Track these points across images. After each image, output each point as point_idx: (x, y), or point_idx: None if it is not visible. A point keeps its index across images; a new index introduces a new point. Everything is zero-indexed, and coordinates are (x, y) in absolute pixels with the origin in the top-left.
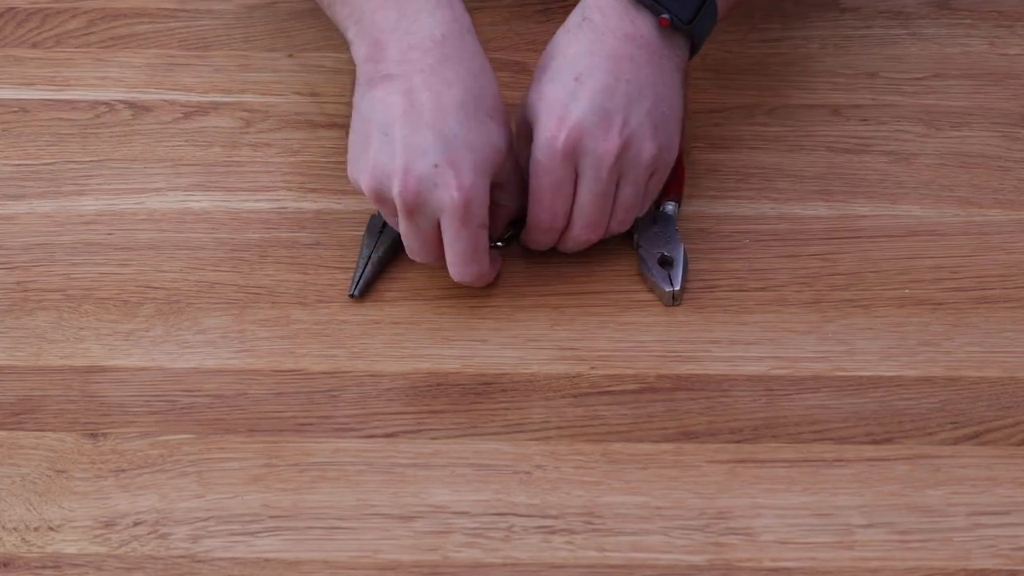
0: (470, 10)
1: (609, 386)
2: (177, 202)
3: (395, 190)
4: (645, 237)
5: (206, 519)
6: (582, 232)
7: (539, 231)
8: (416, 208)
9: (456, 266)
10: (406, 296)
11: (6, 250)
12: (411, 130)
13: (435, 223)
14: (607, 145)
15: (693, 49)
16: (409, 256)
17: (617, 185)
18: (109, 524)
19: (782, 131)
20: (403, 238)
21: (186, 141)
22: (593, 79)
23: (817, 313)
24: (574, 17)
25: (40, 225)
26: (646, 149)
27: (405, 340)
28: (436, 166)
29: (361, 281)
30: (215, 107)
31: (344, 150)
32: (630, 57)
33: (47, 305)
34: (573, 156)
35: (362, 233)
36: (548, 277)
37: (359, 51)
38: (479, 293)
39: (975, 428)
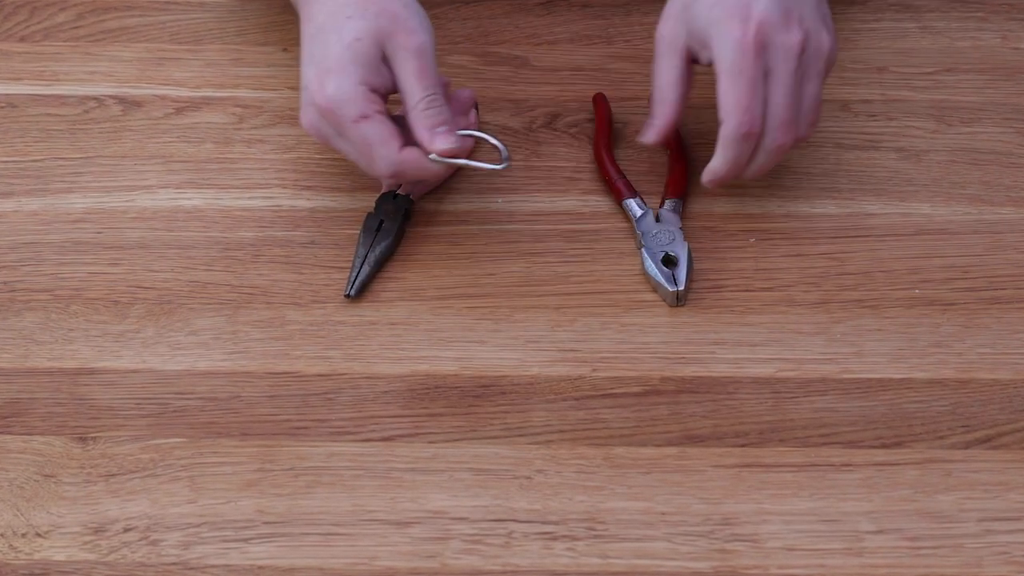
0: (470, 1)
1: (611, 388)
2: (168, 200)
3: None
4: (648, 236)
5: (198, 525)
6: (779, 135)
7: (739, 141)
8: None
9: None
10: (403, 296)
11: None
12: None
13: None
14: (793, 38)
15: None
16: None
17: (800, 84)
18: (99, 530)
19: None
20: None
21: (177, 137)
22: None
23: (825, 314)
24: None
25: (27, 223)
26: (825, 42)
27: (402, 342)
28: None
29: (357, 281)
30: (207, 102)
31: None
32: None
33: (35, 306)
34: (764, 52)
35: (358, 231)
36: (548, 277)
37: None
38: (479, 293)
39: (987, 432)
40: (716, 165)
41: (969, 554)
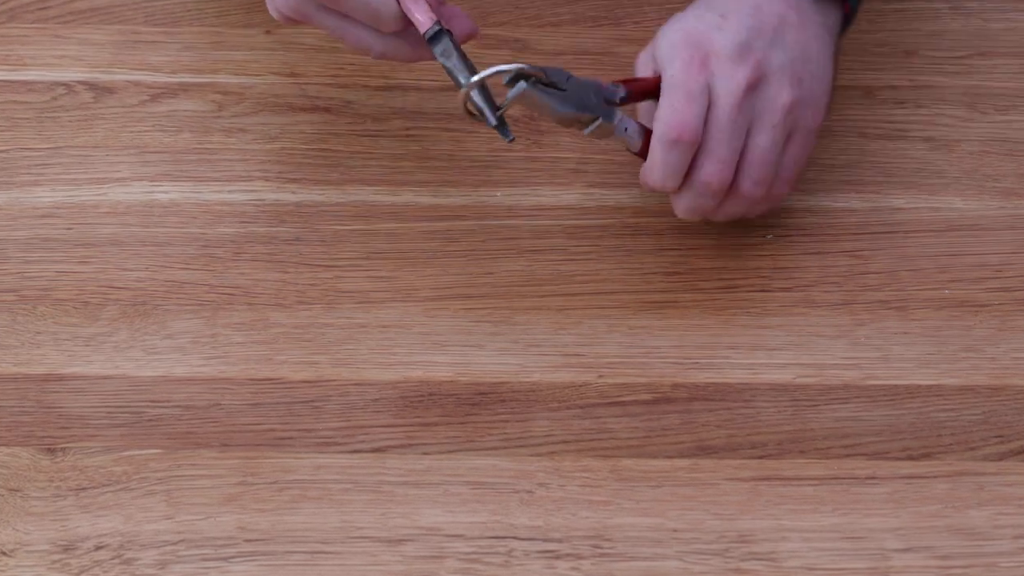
0: None
1: (619, 396)
2: (143, 193)
3: None
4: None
5: (175, 543)
6: (713, 175)
7: (667, 146)
8: None
9: None
10: (395, 297)
11: None
12: None
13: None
14: (741, 73)
15: (846, 22)
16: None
17: (749, 134)
18: (68, 548)
19: None
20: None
21: (153, 126)
22: (739, 16)
23: (848, 316)
24: None
25: None
26: (783, 94)
27: (394, 346)
28: None
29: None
30: (185, 89)
31: (327, 137)
32: (780, 14)
33: None
34: (704, 71)
35: (349, 226)
36: (551, 276)
37: None
38: (476, 294)
39: (1022, 443)
40: (646, 167)
41: (1003, 573)
